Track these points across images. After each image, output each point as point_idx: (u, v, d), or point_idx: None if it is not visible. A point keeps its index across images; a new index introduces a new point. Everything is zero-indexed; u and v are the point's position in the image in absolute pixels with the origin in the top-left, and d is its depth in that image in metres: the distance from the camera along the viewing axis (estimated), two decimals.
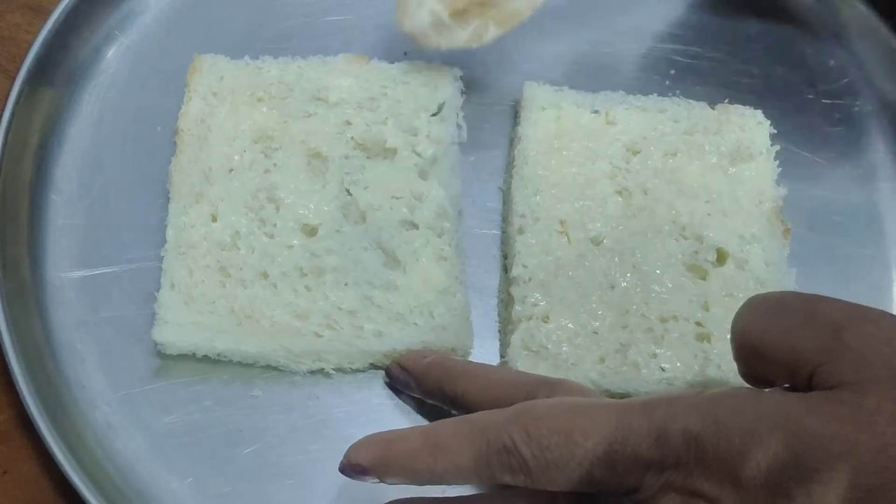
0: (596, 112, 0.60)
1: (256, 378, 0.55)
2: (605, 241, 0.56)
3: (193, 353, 0.54)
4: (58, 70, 0.62)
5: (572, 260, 0.55)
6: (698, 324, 0.54)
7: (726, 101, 0.62)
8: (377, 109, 0.59)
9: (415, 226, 0.57)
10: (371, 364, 0.55)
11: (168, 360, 0.54)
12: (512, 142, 0.61)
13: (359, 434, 0.53)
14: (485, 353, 0.56)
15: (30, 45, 0.61)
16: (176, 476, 0.52)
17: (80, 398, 0.54)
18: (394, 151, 0.58)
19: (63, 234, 0.58)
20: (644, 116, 0.60)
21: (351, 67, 0.61)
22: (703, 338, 0.54)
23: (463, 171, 0.60)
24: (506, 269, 0.57)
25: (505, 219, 0.59)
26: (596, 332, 0.54)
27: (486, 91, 0.63)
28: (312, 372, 0.54)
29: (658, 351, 0.53)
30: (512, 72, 0.64)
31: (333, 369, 0.54)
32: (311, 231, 0.57)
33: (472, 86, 0.62)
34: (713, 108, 0.61)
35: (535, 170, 0.58)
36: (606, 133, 0.60)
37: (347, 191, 0.57)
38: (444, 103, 0.60)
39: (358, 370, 0.55)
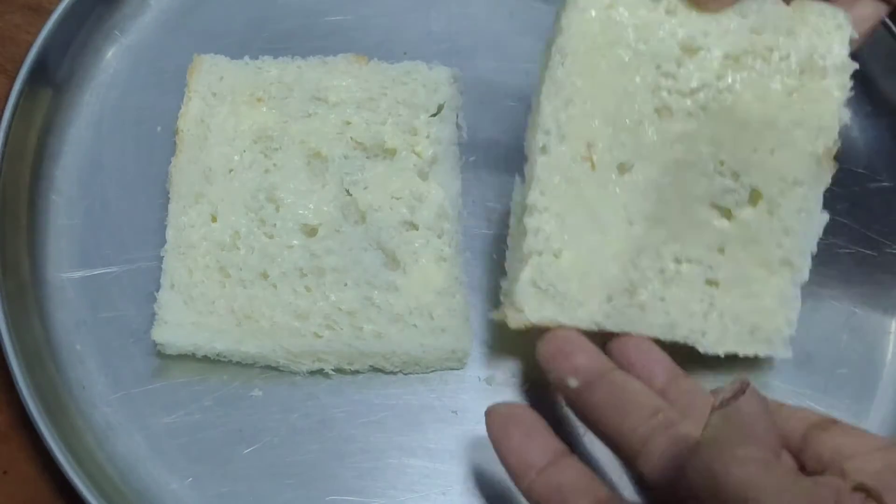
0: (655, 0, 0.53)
1: (256, 378, 0.55)
2: (631, 170, 0.52)
3: (193, 353, 0.54)
4: (58, 70, 0.62)
5: (594, 192, 0.52)
6: (710, 267, 0.52)
7: None
8: (377, 109, 0.59)
9: (414, 226, 0.57)
10: (371, 366, 0.55)
11: (168, 360, 0.54)
12: (548, 43, 0.54)
13: (359, 434, 0.53)
14: (484, 354, 0.56)
15: (30, 45, 0.61)
16: (176, 476, 0.52)
17: (79, 398, 0.54)
18: (393, 152, 0.58)
19: (63, 234, 0.58)
20: None
21: (351, 67, 0.61)
22: (712, 283, 0.52)
23: (463, 171, 0.59)
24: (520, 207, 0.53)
25: (529, 129, 0.54)
26: (607, 271, 0.52)
27: (486, 91, 0.63)
28: (312, 372, 0.54)
29: (666, 295, 0.52)
30: (512, 72, 0.64)
31: (333, 370, 0.54)
32: (310, 231, 0.56)
33: (472, 86, 0.62)
34: (787, 3, 0.53)
35: (569, 74, 0.52)
36: (662, 27, 0.53)
37: (347, 191, 0.57)
38: (443, 103, 0.60)
39: (357, 371, 0.55)
